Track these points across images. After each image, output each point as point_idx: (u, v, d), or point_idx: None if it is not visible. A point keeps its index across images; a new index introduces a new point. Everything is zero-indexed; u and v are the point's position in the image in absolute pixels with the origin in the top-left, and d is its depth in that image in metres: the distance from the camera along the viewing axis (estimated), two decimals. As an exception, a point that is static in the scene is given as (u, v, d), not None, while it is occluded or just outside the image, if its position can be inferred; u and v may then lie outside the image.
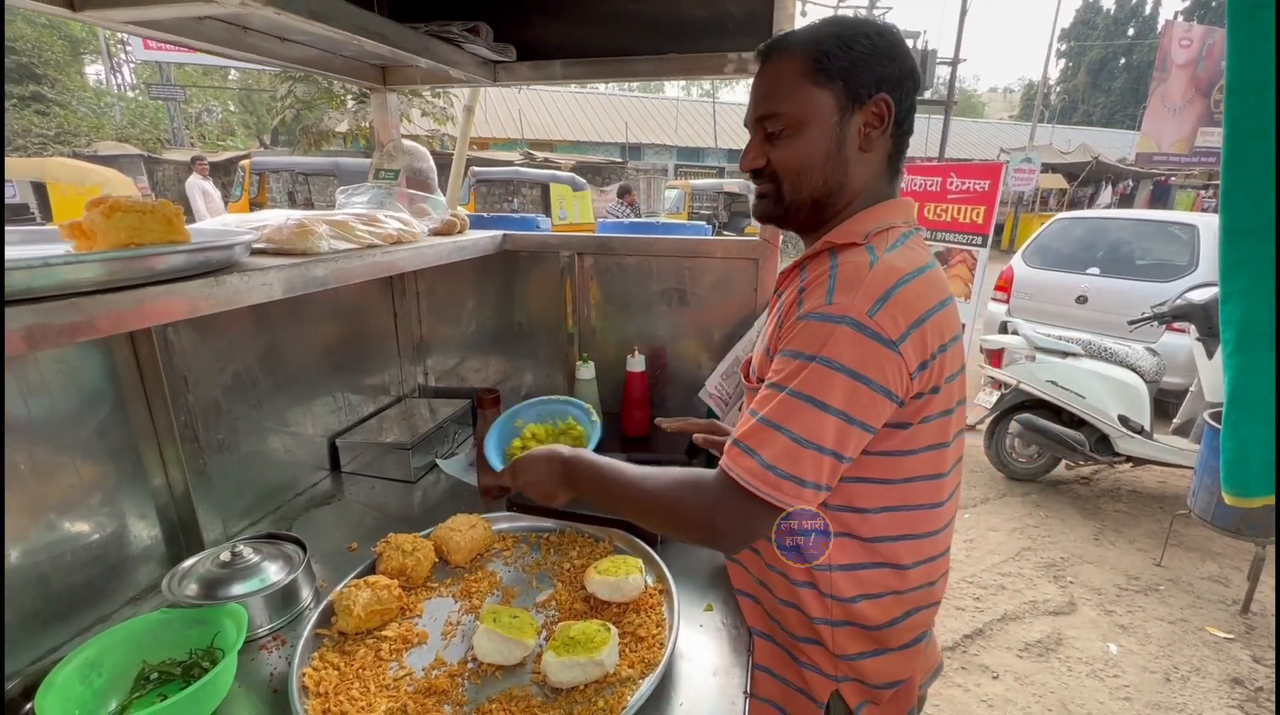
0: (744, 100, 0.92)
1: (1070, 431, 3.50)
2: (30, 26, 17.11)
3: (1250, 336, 0.98)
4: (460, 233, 1.62)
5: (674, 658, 0.89)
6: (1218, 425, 2.59)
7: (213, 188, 9.45)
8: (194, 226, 0.99)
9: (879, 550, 0.86)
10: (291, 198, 9.89)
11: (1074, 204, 16.95)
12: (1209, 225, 4.64)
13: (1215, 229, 1.00)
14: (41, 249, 0.88)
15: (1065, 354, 3.61)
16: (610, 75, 1.66)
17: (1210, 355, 3.21)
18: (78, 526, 0.98)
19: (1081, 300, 4.99)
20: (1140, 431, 3.38)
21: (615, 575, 0.98)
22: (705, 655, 0.93)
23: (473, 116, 3.82)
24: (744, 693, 0.86)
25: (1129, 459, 3.47)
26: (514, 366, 1.93)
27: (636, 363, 1.61)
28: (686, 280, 1.69)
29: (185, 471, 1.11)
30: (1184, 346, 3.80)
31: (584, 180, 10.71)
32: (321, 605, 0.97)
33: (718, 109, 22.96)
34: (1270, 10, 0.86)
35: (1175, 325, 3.78)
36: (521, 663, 0.89)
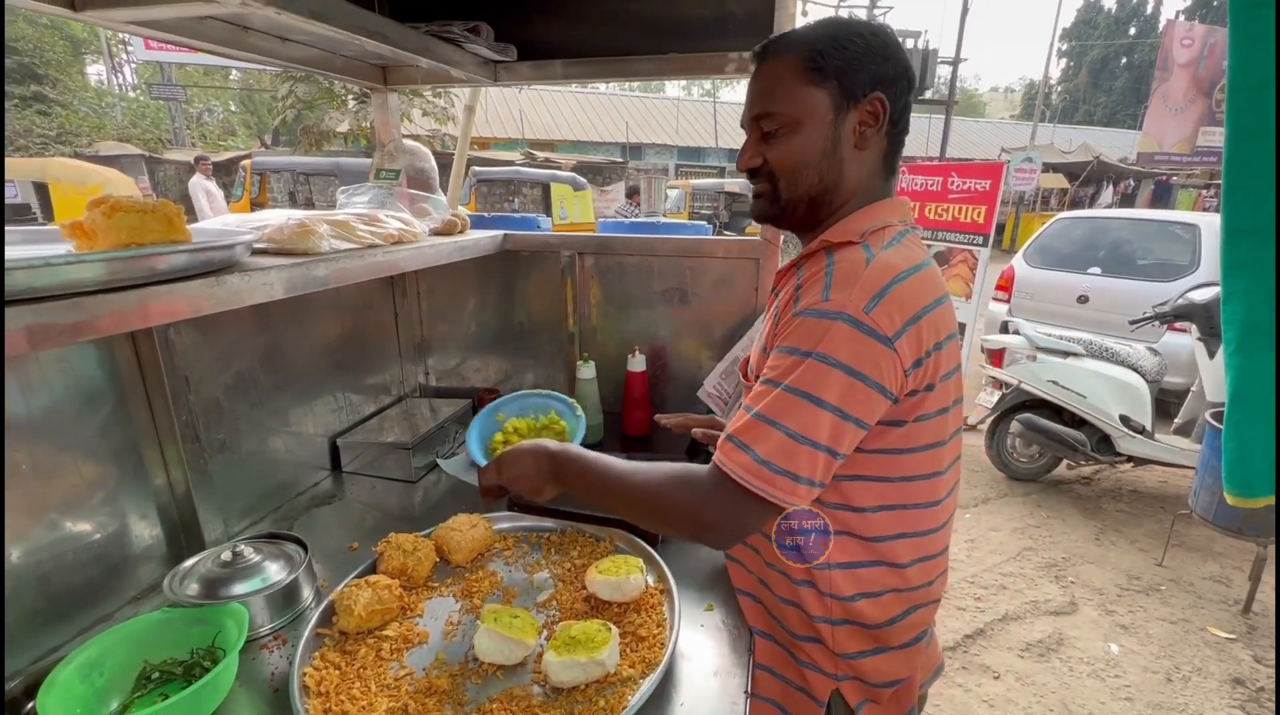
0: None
1: (1071, 431, 3.49)
2: (32, 27, 17.14)
3: (1252, 336, 0.98)
4: (461, 232, 1.62)
5: (675, 657, 0.89)
6: (1219, 425, 2.59)
7: (216, 188, 9.47)
8: (195, 226, 0.99)
9: (877, 549, 0.86)
10: (292, 198, 9.89)
11: (1075, 204, 16.94)
12: (1210, 225, 4.63)
13: (1217, 229, 1.00)
14: (43, 249, 0.88)
15: (1066, 354, 3.60)
16: (611, 75, 1.66)
17: (1212, 355, 3.21)
18: (79, 526, 0.98)
19: (1083, 300, 4.98)
20: (1141, 431, 3.37)
21: (616, 575, 0.98)
22: (706, 655, 0.93)
23: (473, 116, 3.83)
24: (745, 692, 0.86)
25: (1130, 459, 3.46)
26: (515, 366, 1.93)
27: (637, 362, 1.61)
28: (687, 280, 1.69)
29: (186, 471, 1.11)
30: (1185, 346, 3.80)
31: (585, 180, 10.72)
32: (322, 605, 0.97)
33: (718, 109, 22.94)
34: (1271, 9, 0.86)
35: (1177, 325, 3.77)
36: (522, 662, 0.89)
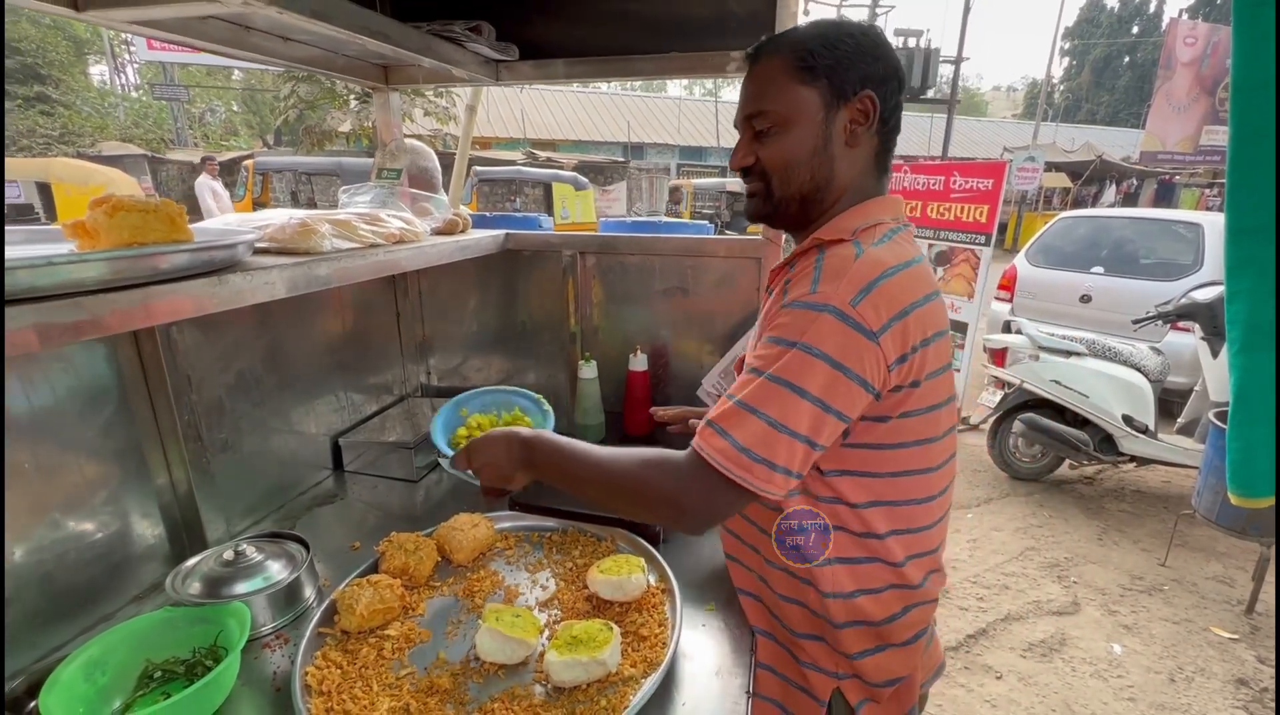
0: (746, 99, 0.92)
1: (1074, 431, 3.49)
2: (35, 27, 17.18)
3: (1256, 336, 0.98)
4: (463, 232, 1.62)
5: (676, 657, 0.89)
6: (1223, 425, 2.58)
7: (222, 188, 9.50)
8: (197, 226, 0.99)
9: (871, 545, 0.86)
10: (294, 197, 9.90)
11: (1078, 203, 16.90)
12: (1213, 224, 4.62)
13: (1220, 228, 1.00)
14: (45, 248, 0.88)
15: (1069, 353, 3.59)
16: (612, 74, 1.66)
17: (1215, 354, 3.20)
18: (82, 525, 0.98)
19: (1085, 299, 4.97)
20: (1144, 431, 3.36)
21: (618, 574, 0.98)
22: (707, 654, 0.93)
23: (475, 116, 3.83)
24: (746, 692, 0.86)
25: (1133, 459, 3.46)
26: (516, 366, 1.93)
27: (639, 362, 1.61)
28: (689, 279, 1.68)
29: (188, 470, 1.11)
30: (1189, 346, 3.79)
31: (586, 180, 10.71)
32: (324, 604, 0.97)
33: (720, 108, 22.92)
34: (1273, 7, 0.85)
35: (1180, 324, 3.77)
36: (524, 662, 0.89)
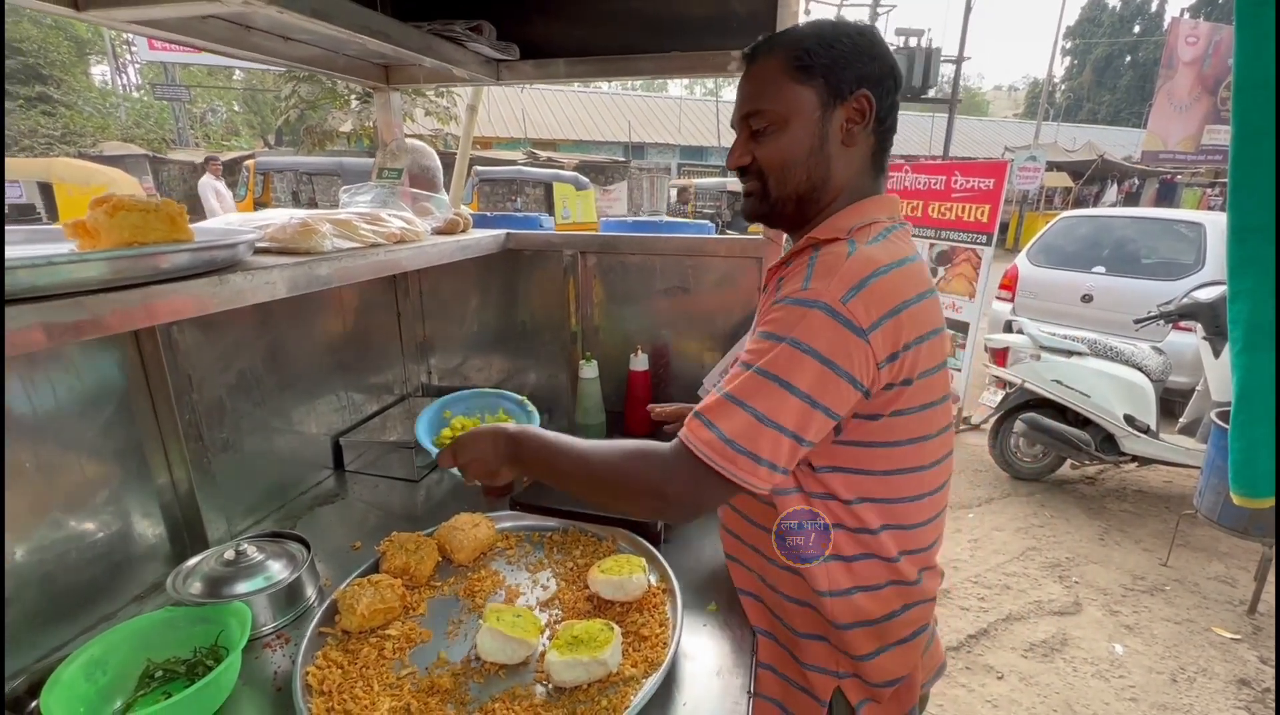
0: (748, 99, 0.92)
1: (1075, 431, 3.48)
2: (36, 27, 17.20)
3: (1258, 336, 0.97)
4: (463, 232, 1.62)
5: (677, 657, 0.89)
6: (1225, 425, 2.58)
7: (225, 188, 9.53)
8: (198, 225, 0.99)
9: (865, 541, 0.86)
10: (296, 197, 9.91)
11: (1079, 202, 16.88)
12: (1215, 223, 4.62)
13: (1222, 227, 1.00)
14: (46, 248, 0.88)
15: (1070, 353, 3.59)
16: (613, 73, 1.66)
17: (1217, 354, 3.19)
18: (83, 525, 0.98)
19: (1087, 299, 4.96)
20: (1146, 431, 3.36)
21: (618, 574, 0.98)
22: (708, 654, 0.93)
23: (476, 116, 3.83)
24: (747, 692, 0.86)
25: (1135, 458, 3.45)
26: (517, 365, 1.93)
27: (639, 362, 1.61)
28: (690, 279, 1.68)
29: (189, 470, 1.11)
30: (1190, 345, 3.78)
31: (587, 179, 10.71)
32: (325, 604, 0.97)
33: (721, 108, 22.90)
34: (1273, 7, 0.85)
35: (1181, 324, 3.76)
36: (525, 662, 0.89)
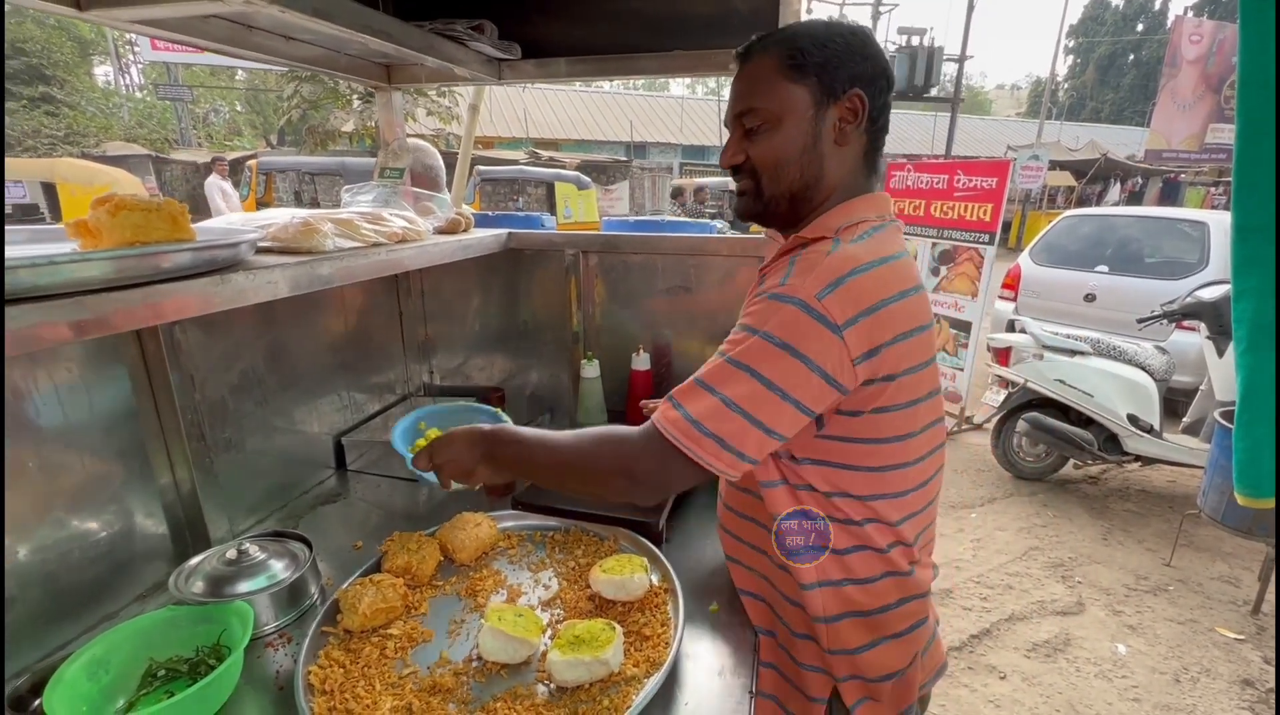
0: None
1: (1078, 430, 3.47)
2: (39, 28, 17.24)
3: (1262, 335, 0.97)
4: (465, 231, 1.62)
5: (679, 657, 0.89)
6: (1228, 424, 2.57)
7: (231, 188, 9.61)
8: (200, 225, 1.00)
9: (856, 534, 0.86)
10: (298, 197, 9.93)
11: (1082, 201, 16.83)
12: (1219, 222, 4.60)
13: (1225, 226, 1.00)
14: (48, 248, 0.88)
15: (1073, 352, 3.58)
16: (615, 73, 1.65)
17: (1220, 353, 3.18)
18: (85, 524, 0.98)
19: (1090, 298, 4.95)
20: (1149, 430, 3.35)
21: (620, 574, 0.98)
22: (710, 654, 0.93)
23: (477, 115, 3.83)
24: (749, 691, 0.86)
25: (1138, 458, 3.44)
26: (519, 365, 1.93)
27: (641, 361, 1.61)
28: (691, 278, 1.68)
29: (192, 469, 1.12)
30: (1194, 345, 3.77)
31: (589, 179, 10.71)
32: (327, 603, 0.97)
33: (723, 107, 22.77)
34: (1273, 5, 0.85)
35: (1185, 323, 3.75)
36: (526, 661, 0.89)
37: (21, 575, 0.89)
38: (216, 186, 9.19)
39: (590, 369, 1.62)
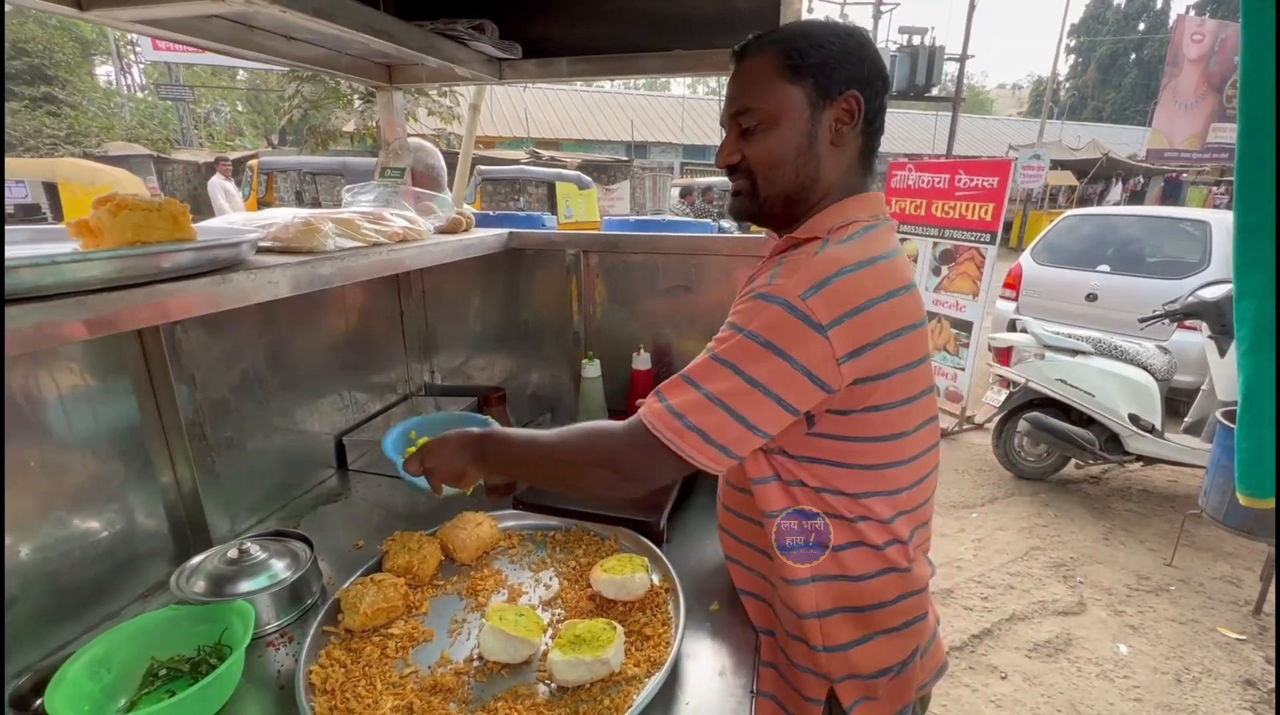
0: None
1: (1080, 430, 3.47)
2: (41, 28, 17.26)
3: (1264, 335, 0.97)
4: (466, 231, 1.62)
5: (680, 656, 0.89)
6: (1230, 424, 2.57)
7: (235, 188, 9.66)
8: (201, 224, 1.00)
9: (850, 530, 0.86)
10: (299, 197, 9.94)
11: (1084, 201, 16.81)
12: (1221, 222, 4.59)
13: (1227, 226, 0.99)
14: (49, 247, 0.88)
15: (1075, 352, 3.58)
16: (616, 72, 1.65)
17: (1222, 353, 3.18)
18: (87, 523, 0.98)
19: (1091, 298, 4.94)
20: (1151, 430, 3.34)
21: (621, 574, 0.98)
22: (711, 654, 0.93)
23: (478, 115, 3.83)
24: (750, 691, 0.86)
25: (1139, 458, 3.44)
26: (519, 365, 1.93)
27: (642, 361, 1.61)
28: (692, 278, 1.68)
29: (193, 469, 1.12)
30: (1196, 344, 3.77)
31: (590, 178, 10.71)
32: (328, 603, 0.97)
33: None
34: (1274, 3, 0.85)
35: (1187, 323, 3.74)
36: (527, 661, 0.89)
37: (23, 574, 0.89)
38: (220, 186, 9.25)
39: (591, 369, 1.62)
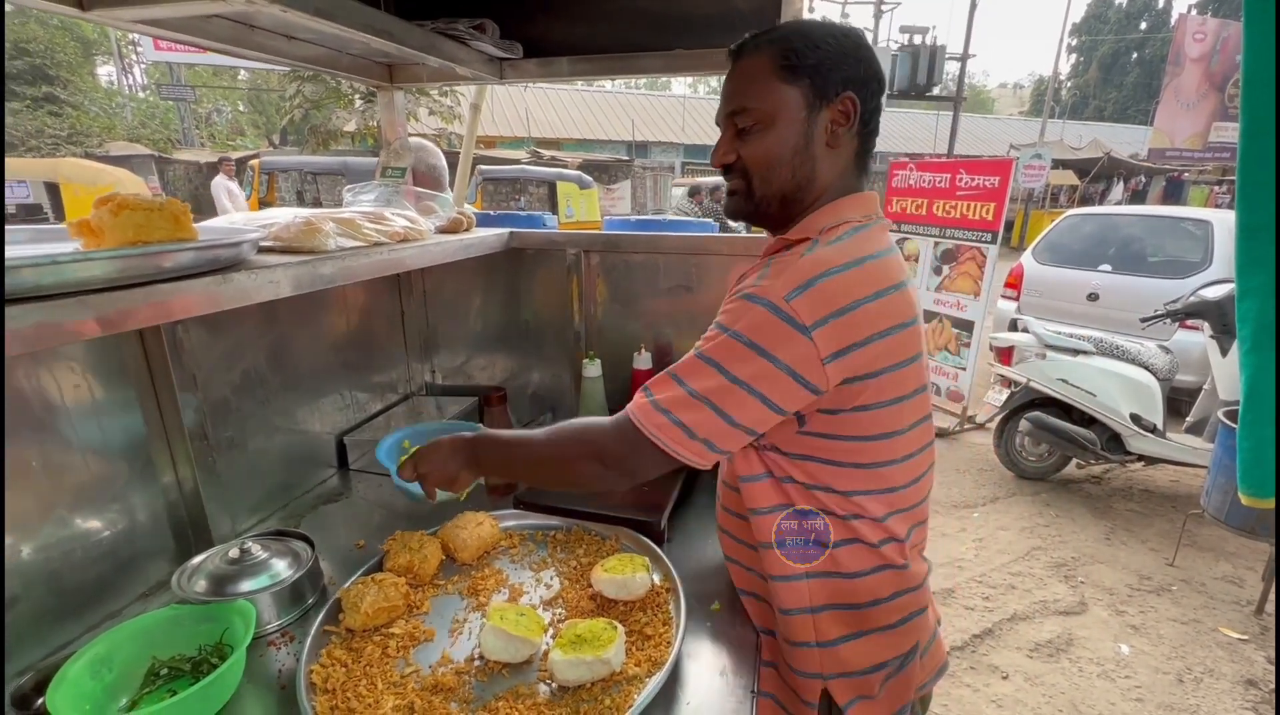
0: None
1: (1081, 430, 3.46)
2: (43, 28, 17.29)
3: (1266, 335, 0.97)
4: (467, 230, 1.62)
5: (681, 656, 0.89)
6: (1232, 424, 2.56)
7: (238, 188, 9.69)
8: (202, 224, 1.00)
9: (844, 527, 0.86)
10: (300, 197, 9.95)
11: (1085, 200, 16.79)
12: (1222, 221, 4.59)
13: (1229, 225, 0.99)
14: (50, 247, 0.88)
15: (1076, 352, 3.57)
16: (617, 71, 1.65)
17: (1224, 353, 3.17)
18: (88, 523, 0.98)
19: (1093, 297, 4.94)
20: (1153, 430, 3.34)
21: (622, 573, 0.98)
22: (712, 654, 0.93)
23: (479, 115, 3.82)
24: (751, 691, 0.86)
25: (1141, 458, 3.43)
26: (520, 365, 1.93)
27: (643, 361, 1.60)
28: (693, 278, 1.68)
29: (194, 468, 1.12)
30: (1197, 344, 3.76)
31: (590, 178, 10.70)
32: (329, 602, 0.97)
33: (725, 106, 22.77)
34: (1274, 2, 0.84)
35: (1188, 322, 3.74)
36: (528, 660, 0.89)
37: (25, 574, 0.89)
38: (223, 186, 9.29)
39: (592, 368, 1.62)
